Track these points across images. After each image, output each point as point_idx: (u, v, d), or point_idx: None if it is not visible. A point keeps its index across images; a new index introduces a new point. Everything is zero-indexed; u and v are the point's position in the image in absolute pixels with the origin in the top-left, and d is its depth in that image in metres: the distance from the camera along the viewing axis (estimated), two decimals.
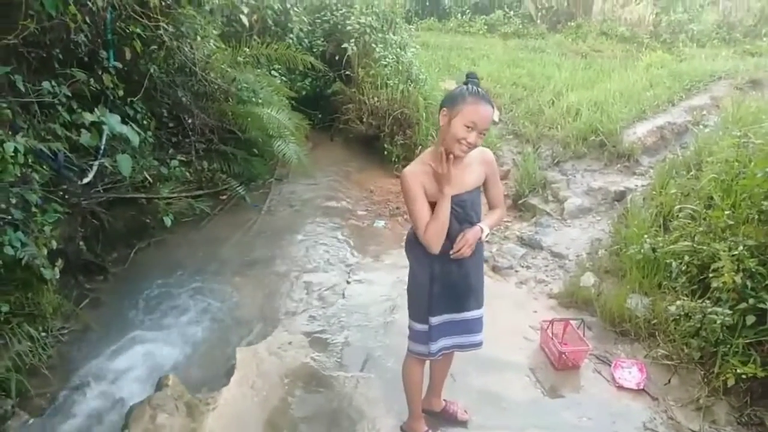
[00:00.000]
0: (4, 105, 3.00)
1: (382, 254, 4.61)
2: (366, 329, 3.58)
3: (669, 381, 3.15)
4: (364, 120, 6.60)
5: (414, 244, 2.35)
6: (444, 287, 2.32)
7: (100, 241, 4.19)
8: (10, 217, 2.90)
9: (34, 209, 3.09)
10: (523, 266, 4.48)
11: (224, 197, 5.38)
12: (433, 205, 2.18)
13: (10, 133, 2.92)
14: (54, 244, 3.18)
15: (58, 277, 3.20)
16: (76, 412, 2.85)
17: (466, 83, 2.12)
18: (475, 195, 2.29)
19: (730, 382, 2.87)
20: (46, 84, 3.43)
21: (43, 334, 3.18)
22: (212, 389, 2.95)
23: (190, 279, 4.11)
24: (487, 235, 2.29)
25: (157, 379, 2.88)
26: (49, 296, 3.26)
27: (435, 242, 2.18)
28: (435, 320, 2.36)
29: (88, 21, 3.77)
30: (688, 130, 5.80)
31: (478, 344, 2.49)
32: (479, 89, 2.09)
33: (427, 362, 2.64)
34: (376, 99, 6.50)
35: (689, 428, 2.85)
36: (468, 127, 2.05)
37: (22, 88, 3.27)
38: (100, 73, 3.99)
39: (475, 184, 2.28)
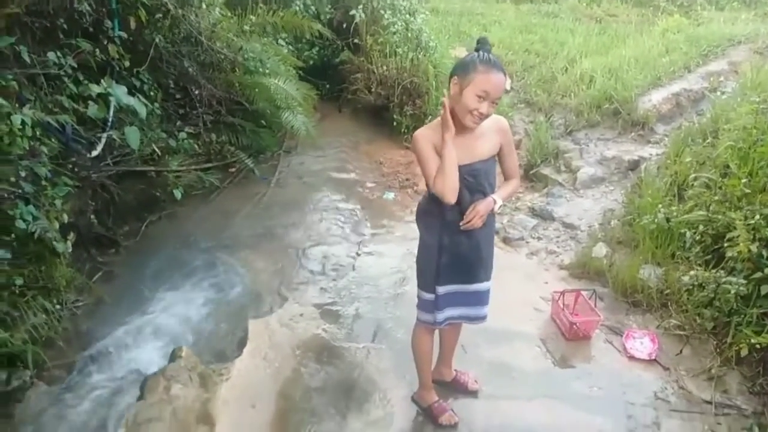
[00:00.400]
0: (10, 77, 2.97)
1: (392, 226, 4.60)
2: (376, 301, 3.59)
3: (681, 351, 3.15)
4: (373, 90, 6.50)
5: (424, 213, 2.34)
6: (452, 258, 2.30)
7: (111, 214, 4.20)
8: (20, 190, 2.90)
9: (44, 183, 3.08)
10: (534, 237, 4.45)
11: (233, 170, 5.36)
12: None
13: (17, 105, 2.90)
14: (65, 218, 3.19)
15: (70, 250, 3.23)
16: (92, 383, 2.90)
17: (477, 50, 2.06)
18: (489, 165, 2.23)
19: (743, 352, 2.85)
20: (51, 55, 3.39)
21: (58, 306, 3.22)
22: (225, 360, 2.99)
23: (201, 252, 4.13)
24: (499, 207, 2.25)
25: (171, 351, 2.92)
26: (62, 269, 3.28)
27: (447, 192, 2.07)
28: (442, 290, 2.35)
29: None
30: (705, 97, 5.66)
31: (483, 317, 2.49)
32: (491, 56, 2.02)
33: (437, 333, 2.64)
34: (384, 68, 6.38)
35: (701, 398, 2.85)
36: (480, 96, 1.99)
37: (27, 60, 3.23)
38: (105, 43, 3.94)
39: (489, 153, 2.22)
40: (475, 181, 2.18)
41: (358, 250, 4.22)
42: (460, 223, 2.19)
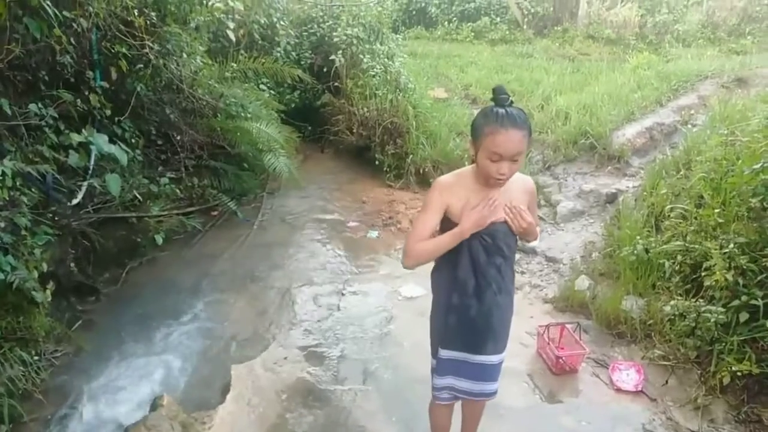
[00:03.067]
0: None
1: (376, 265, 4.60)
2: (362, 341, 3.56)
3: (666, 381, 3.15)
4: (354, 131, 6.62)
5: (437, 269, 2.18)
6: (460, 320, 2.11)
7: (92, 261, 4.15)
8: None
9: (23, 232, 3.07)
10: (518, 272, 4.47)
11: (215, 213, 5.36)
12: (450, 226, 1.98)
13: None
14: (45, 267, 3.16)
15: (49, 299, 3.18)
16: None
17: (493, 101, 1.86)
18: (509, 226, 2.02)
19: (726, 380, 2.88)
20: (32, 106, 3.43)
21: (36, 358, 3.15)
22: (208, 407, 2.92)
23: (183, 297, 4.08)
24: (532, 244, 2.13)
25: (152, 400, 2.86)
26: (41, 319, 3.22)
27: (412, 262, 2.01)
28: (445, 354, 2.16)
29: (73, 42, 3.78)
30: (677, 130, 5.85)
31: (491, 393, 2.25)
32: (500, 110, 1.81)
33: (457, 406, 2.48)
34: (365, 109, 6.51)
35: (688, 428, 2.84)
36: (492, 160, 1.83)
37: (9, 112, 3.27)
38: (86, 93, 3.99)
39: None
40: (492, 243, 2.01)
41: (343, 289, 4.20)
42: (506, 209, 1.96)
